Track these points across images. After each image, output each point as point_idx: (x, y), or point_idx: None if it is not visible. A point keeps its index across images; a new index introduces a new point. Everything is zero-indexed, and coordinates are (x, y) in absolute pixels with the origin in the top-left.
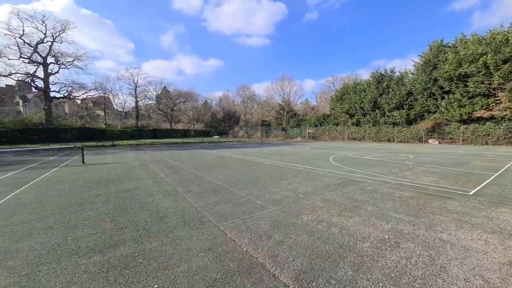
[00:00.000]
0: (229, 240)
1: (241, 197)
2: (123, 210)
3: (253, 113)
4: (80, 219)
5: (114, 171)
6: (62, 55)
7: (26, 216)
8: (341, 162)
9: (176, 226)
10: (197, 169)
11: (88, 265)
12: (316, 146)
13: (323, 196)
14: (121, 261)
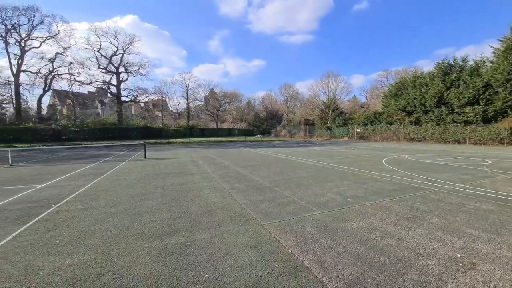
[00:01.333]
0: (273, 239)
1: (285, 197)
2: (177, 201)
3: (296, 112)
4: (144, 207)
5: (169, 166)
6: (130, 64)
7: (103, 202)
8: (397, 165)
9: (223, 221)
10: (241, 167)
11: (150, 248)
12: (366, 147)
13: (375, 202)
14: (176, 248)
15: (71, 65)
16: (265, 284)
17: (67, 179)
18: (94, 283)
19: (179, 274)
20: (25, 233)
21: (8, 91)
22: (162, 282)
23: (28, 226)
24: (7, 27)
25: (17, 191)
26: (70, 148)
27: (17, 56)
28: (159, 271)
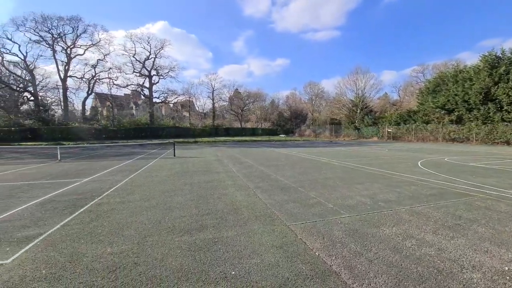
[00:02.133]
0: (299, 241)
1: (310, 198)
2: (205, 198)
3: (321, 111)
4: (174, 203)
5: (196, 164)
6: (161, 68)
7: (138, 196)
8: (435, 168)
9: (249, 220)
10: (265, 167)
11: (180, 242)
12: (398, 147)
13: (410, 208)
14: (204, 243)
15: (110, 70)
16: (292, 286)
17: (107, 174)
18: (131, 271)
19: (207, 269)
20: (72, 223)
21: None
22: (191, 275)
23: (74, 216)
24: (54, 36)
25: (65, 184)
26: (109, 146)
27: (64, 62)
28: (189, 265)
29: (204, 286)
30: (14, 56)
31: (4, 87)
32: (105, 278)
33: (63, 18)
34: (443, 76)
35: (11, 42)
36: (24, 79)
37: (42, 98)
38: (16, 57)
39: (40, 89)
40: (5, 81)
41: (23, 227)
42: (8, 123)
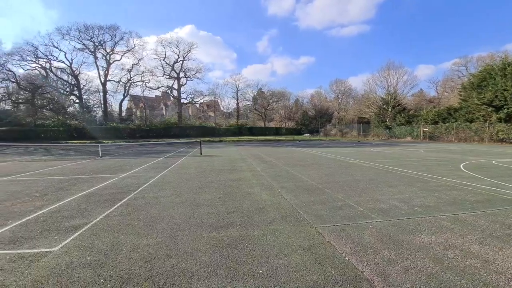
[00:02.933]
0: (327, 244)
1: (338, 200)
2: (231, 196)
3: (348, 109)
4: (201, 199)
5: (222, 162)
6: (189, 70)
7: (169, 192)
8: (480, 171)
9: (275, 219)
10: (290, 166)
11: (208, 238)
12: (436, 148)
13: (452, 214)
14: (232, 240)
15: (143, 73)
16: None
17: (141, 170)
18: (165, 263)
19: (235, 266)
20: (112, 214)
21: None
22: (220, 271)
23: (114, 208)
24: (95, 43)
25: (105, 179)
26: (142, 145)
27: (104, 68)
28: (217, 261)
29: (233, 282)
30: (61, 62)
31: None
32: (142, 267)
33: (103, 27)
34: (490, 70)
35: (58, 49)
36: (70, 83)
37: (86, 100)
38: (63, 63)
39: (84, 93)
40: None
41: (71, 217)
42: (57, 123)
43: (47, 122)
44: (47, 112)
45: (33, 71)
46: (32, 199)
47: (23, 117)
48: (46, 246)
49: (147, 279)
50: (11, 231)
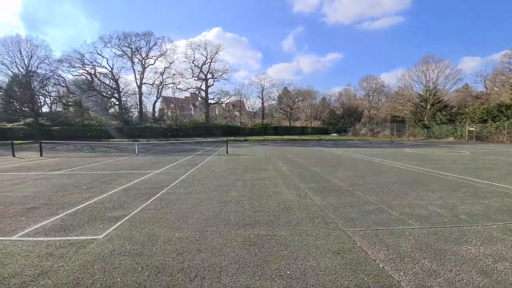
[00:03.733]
0: (359, 249)
1: (370, 204)
2: (256, 195)
3: (380, 107)
4: (228, 197)
5: (247, 161)
6: (216, 71)
7: (197, 189)
8: None
9: (302, 220)
10: (316, 167)
11: (236, 235)
12: (484, 150)
13: (504, 224)
14: (258, 239)
15: (174, 76)
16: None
17: (172, 167)
18: (195, 256)
19: (262, 264)
20: (148, 207)
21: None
22: (248, 269)
23: (149, 202)
24: (132, 49)
25: (141, 174)
26: (173, 143)
27: (139, 72)
28: (245, 258)
29: (261, 281)
30: (103, 68)
31: (97, 94)
32: (175, 259)
33: (139, 34)
34: None
35: (101, 56)
36: (111, 87)
37: (124, 102)
38: (105, 69)
39: (123, 95)
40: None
41: (113, 209)
42: (100, 123)
43: (92, 122)
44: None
45: (81, 76)
46: (80, 191)
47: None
48: (92, 234)
49: (180, 271)
50: (61, 220)
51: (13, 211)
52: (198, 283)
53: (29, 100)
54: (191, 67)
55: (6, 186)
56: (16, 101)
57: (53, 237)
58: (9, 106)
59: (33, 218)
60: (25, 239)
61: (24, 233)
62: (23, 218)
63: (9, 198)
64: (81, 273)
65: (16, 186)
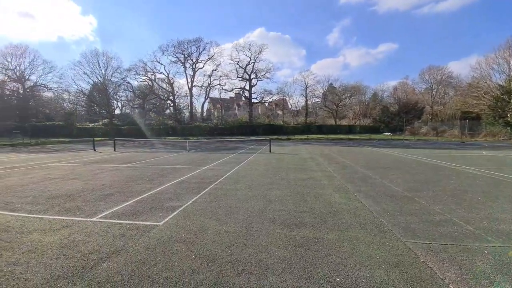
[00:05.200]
0: (422, 264)
1: (435, 214)
2: (301, 196)
3: (446, 102)
4: (272, 196)
5: (291, 160)
6: (259, 71)
7: (243, 185)
8: None
9: (351, 225)
10: (367, 168)
11: (281, 234)
12: None
13: None
14: (304, 241)
15: (220, 77)
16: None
17: (219, 164)
18: (242, 251)
19: (309, 267)
20: (199, 200)
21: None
22: (294, 269)
23: (199, 195)
24: (185, 55)
25: (192, 170)
26: (219, 141)
27: (190, 75)
28: (291, 258)
29: (308, 284)
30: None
31: (156, 97)
32: (224, 251)
33: (191, 41)
34: None
35: (160, 64)
36: (167, 90)
37: (178, 104)
38: (163, 75)
39: (176, 98)
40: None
41: (169, 199)
42: (158, 123)
43: (152, 122)
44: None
45: (143, 82)
46: (144, 182)
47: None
48: (153, 220)
49: (228, 263)
50: (131, 206)
51: (94, 197)
52: (245, 277)
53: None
54: (236, 68)
55: (89, 175)
56: (96, 105)
57: (124, 221)
58: (91, 109)
59: (109, 203)
60: (103, 220)
61: (102, 216)
62: (102, 202)
63: (91, 185)
64: (146, 254)
65: (96, 175)
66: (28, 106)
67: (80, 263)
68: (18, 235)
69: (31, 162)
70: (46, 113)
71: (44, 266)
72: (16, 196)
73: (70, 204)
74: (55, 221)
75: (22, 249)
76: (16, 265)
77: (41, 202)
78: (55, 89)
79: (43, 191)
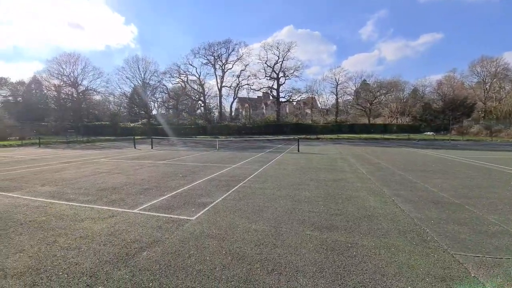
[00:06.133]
0: (474, 280)
1: (490, 224)
2: (332, 197)
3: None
4: (301, 196)
5: (320, 160)
6: (287, 69)
7: (271, 185)
8: None
9: (389, 232)
10: (405, 171)
11: (311, 237)
12: None
13: None
14: (337, 245)
15: (248, 77)
16: None
17: (246, 163)
18: (272, 250)
19: (342, 273)
20: (228, 198)
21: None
22: (326, 274)
23: (229, 193)
24: (215, 57)
25: (221, 168)
26: (246, 140)
27: (220, 76)
28: (322, 262)
29: None
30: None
31: (188, 98)
32: (253, 249)
33: (220, 43)
34: None
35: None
36: (198, 91)
37: (208, 104)
38: (194, 76)
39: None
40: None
41: (201, 196)
42: (189, 123)
43: (184, 122)
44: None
45: (177, 84)
46: (178, 179)
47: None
48: (187, 215)
49: (258, 262)
50: (166, 200)
51: (135, 190)
52: (275, 277)
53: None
54: (263, 68)
55: (131, 171)
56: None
57: (161, 214)
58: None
59: (148, 196)
60: (142, 212)
61: (142, 208)
62: (141, 196)
63: (132, 180)
64: (180, 247)
65: (137, 171)
66: (81, 108)
67: (124, 250)
68: (72, 222)
69: (83, 157)
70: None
71: (94, 251)
72: (71, 187)
73: (115, 196)
74: (103, 211)
75: (75, 235)
76: (69, 250)
77: (92, 193)
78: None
79: (93, 184)
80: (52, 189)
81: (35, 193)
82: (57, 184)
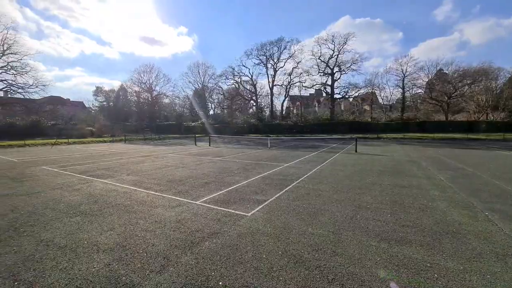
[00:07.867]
0: None
1: None
2: (401, 206)
3: None
4: (363, 201)
5: (383, 163)
6: (343, 63)
7: (326, 187)
8: None
9: (482, 254)
10: (503, 180)
11: (377, 249)
12: None
13: None
14: (411, 263)
15: (301, 74)
16: None
17: (299, 162)
18: (331, 258)
19: None
20: (282, 197)
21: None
22: None
23: (282, 192)
24: (266, 57)
25: (274, 166)
26: (298, 139)
27: (271, 75)
28: (393, 280)
29: None
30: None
31: (241, 98)
32: (310, 253)
33: (273, 42)
34: None
35: (245, 67)
36: (250, 91)
37: (259, 103)
38: (247, 77)
39: (259, 97)
40: (241, 94)
41: (255, 193)
42: (242, 122)
43: (238, 121)
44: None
45: (231, 85)
46: (233, 175)
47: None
48: (243, 210)
49: (316, 268)
50: (224, 195)
51: (197, 184)
52: None
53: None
54: (317, 63)
55: (193, 165)
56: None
57: (220, 207)
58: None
59: (208, 190)
60: (204, 204)
61: (203, 200)
62: (202, 189)
63: (195, 174)
64: (238, 241)
65: (198, 166)
66: (154, 110)
67: (189, 238)
68: (149, 208)
69: (156, 152)
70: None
71: (165, 236)
72: (147, 177)
73: (181, 187)
74: (172, 200)
75: (151, 219)
76: (147, 232)
77: (163, 184)
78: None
79: (164, 175)
80: (134, 178)
81: (122, 181)
82: (137, 174)
